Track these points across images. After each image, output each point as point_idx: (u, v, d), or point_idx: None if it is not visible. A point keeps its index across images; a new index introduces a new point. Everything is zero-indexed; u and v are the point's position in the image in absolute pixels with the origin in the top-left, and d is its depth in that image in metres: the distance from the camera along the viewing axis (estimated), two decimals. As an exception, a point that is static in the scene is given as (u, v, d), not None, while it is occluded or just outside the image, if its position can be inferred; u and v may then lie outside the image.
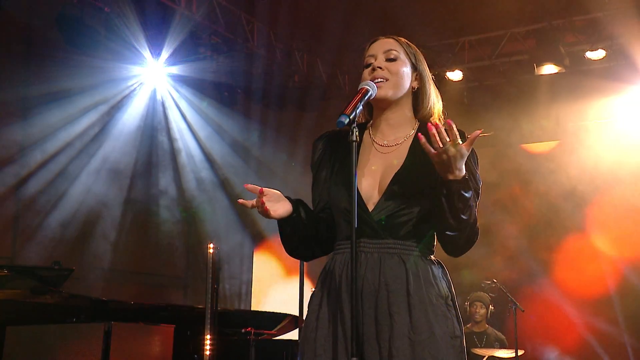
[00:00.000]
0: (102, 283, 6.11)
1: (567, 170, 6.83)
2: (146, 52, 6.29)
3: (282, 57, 7.03)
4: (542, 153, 7.19)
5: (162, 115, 6.73)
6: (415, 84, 2.09)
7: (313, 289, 2.09)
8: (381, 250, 1.92)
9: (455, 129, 1.75)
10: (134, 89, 6.51)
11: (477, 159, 2.03)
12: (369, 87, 1.94)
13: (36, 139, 5.77)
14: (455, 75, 7.22)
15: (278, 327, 5.39)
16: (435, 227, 1.96)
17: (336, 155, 2.08)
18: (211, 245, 4.48)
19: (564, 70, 6.79)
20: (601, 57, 6.71)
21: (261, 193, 1.87)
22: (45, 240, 5.74)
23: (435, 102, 2.12)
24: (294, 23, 6.86)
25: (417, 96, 2.10)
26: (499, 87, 7.03)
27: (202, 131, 6.84)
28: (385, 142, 2.05)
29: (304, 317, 2.06)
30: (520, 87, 6.97)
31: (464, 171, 1.82)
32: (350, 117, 1.80)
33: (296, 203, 1.97)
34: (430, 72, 2.10)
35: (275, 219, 1.94)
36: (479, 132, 1.78)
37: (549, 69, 6.81)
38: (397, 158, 2.02)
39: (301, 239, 2.00)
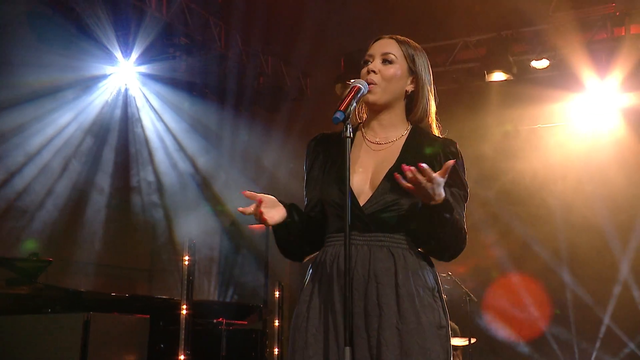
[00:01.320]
0: (67, 275, 6.08)
1: (513, 172, 7.17)
2: (117, 52, 6.27)
3: (249, 59, 7.10)
4: (490, 155, 7.42)
5: (132, 112, 6.69)
6: (410, 88, 2.05)
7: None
8: (371, 243, 1.92)
9: (427, 170, 1.73)
10: (106, 87, 6.47)
11: (463, 162, 2.04)
12: (361, 86, 1.92)
13: (7, 137, 5.71)
14: (412, 80, 7.50)
15: (247, 317, 5.55)
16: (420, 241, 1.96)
17: (328, 155, 2.07)
18: (187, 239, 4.61)
19: (512, 78, 6.99)
20: (545, 66, 6.98)
21: (260, 202, 1.85)
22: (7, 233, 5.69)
23: (430, 106, 2.08)
24: (260, 27, 6.94)
25: (412, 98, 2.07)
26: (453, 92, 7.21)
27: (173, 126, 6.84)
28: (377, 140, 2.04)
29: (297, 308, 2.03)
30: (472, 92, 7.24)
31: (444, 194, 1.80)
32: (346, 114, 1.79)
33: (290, 207, 1.97)
34: None
35: (271, 225, 1.93)
36: (452, 162, 1.77)
37: (498, 76, 6.99)
38: (390, 156, 2.01)
39: (294, 241, 2.01)
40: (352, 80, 1.94)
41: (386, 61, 2.01)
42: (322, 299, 1.95)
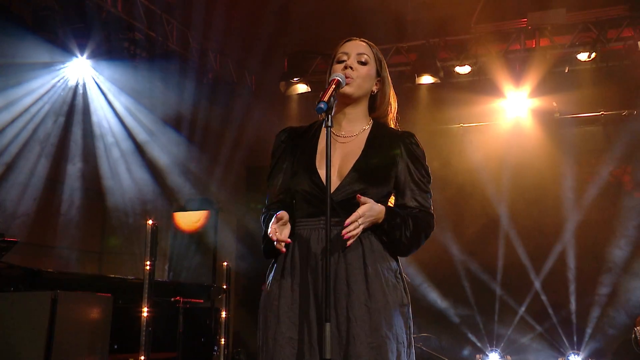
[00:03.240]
0: (19, 257, 5.98)
1: (440, 168, 7.44)
2: (72, 44, 6.15)
3: (198, 56, 7.16)
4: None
5: (86, 104, 6.64)
6: (376, 88, 2.13)
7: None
8: (340, 228, 1.89)
9: (350, 225, 1.84)
10: (60, 79, 6.38)
11: (423, 151, 2.12)
12: (340, 79, 1.98)
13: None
14: (350, 80, 7.78)
15: (201, 296, 5.68)
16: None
17: (297, 146, 2.11)
18: (150, 222, 4.57)
19: (439, 81, 7.27)
20: (467, 71, 7.26)
21: (288, 243, 1.91)
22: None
23: (391, 105, 2.18)
24: (208, 26, 6.98)
25: (376, 98, 2.15)
26: (386, 93, 7.59)
27: (123, 115, 6.83)
28: (342, 134, 2.09)
29: (267, 287, 2.05)
30: (404, 94, 7.56)
31: (382, 216, 1.93)
32: (328, 104, 1.84)
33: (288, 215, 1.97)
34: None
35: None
36: (359, 196, 1.88)
37: (427, 79, 7.22)
38: (355, 148, 2.05)
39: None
40: (332, 74, 2.02)
41: (361, 61, 2.08)
42: (293, 278, 1.96)
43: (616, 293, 6.64)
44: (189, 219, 7.32)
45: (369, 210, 1.89)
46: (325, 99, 1.85)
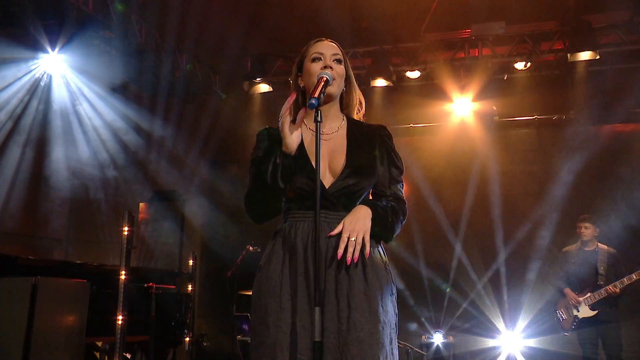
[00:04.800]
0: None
1: None
2: (43, 40, 6.07)
3: (166, 55, 7.15)
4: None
5: (55, 99, 6.55)
6: (343, 85, 2.16)
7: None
8: (339, 221, 1.95)
9: (343, 246, 1.90)
10: (33, 74, 6.30)
11: (392, 141, 2.18)
12: (328, 78, 2.00)
13: None
14: (309, 82, 7.94)
15: (171, 282, 5.75)
16: None
17: (279, 143, 2.05)
18: (126, 212, 4.67)
19: (391, 84, 7.42)
20: (417, 76, 7.39)
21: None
22: None
23: (359, 101, 2.23)
24: (177, 26, 6.97)
25: (345, 95, 2.19)
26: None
27: (98, 107, 6.78)
28: (324, 130, 2.09)
29: (262, 275, 2.03)
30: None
31: (369, 212, 1.97)
32: (319, 100, 1.87)
33: None
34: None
35: (288, 142, 2.01)
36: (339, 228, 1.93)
37: (380, 82, 7.34)
38: (338, 144, 2.08)
39: (270, 197, 2.04)
40: (320, 72, 2.03)
41: (337, 61, 2.11)
42: (294, 267, 1.95)
43: (541, 280, 7.07)
44: (157, 210, 7.35)
45: (351, 221, 1.92)
46: (316, 95, 1.89)
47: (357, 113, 2.23)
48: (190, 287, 5.95)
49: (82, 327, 4.36)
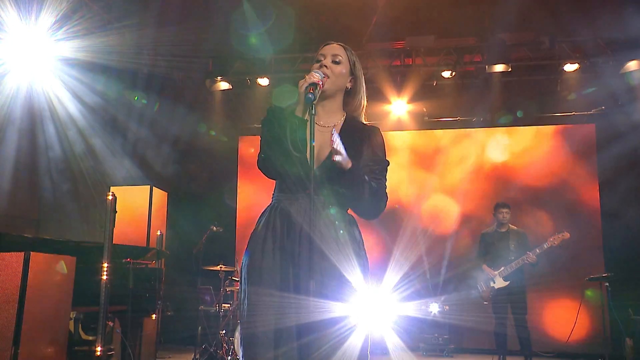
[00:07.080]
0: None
1: None
2: (25, 26, 5.89)
3: (134, 53, 7.15)
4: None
5: (36, 86, 6.41)
6: (350, 85, 2.14)
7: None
8: (319, 203, 1.97)
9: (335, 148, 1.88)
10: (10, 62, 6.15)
11: (384, 141, 2.15)
12: (316, 75, 2.00)
13: None
14: (264, 81, 7.92)
15: (144, 257, 5.86)
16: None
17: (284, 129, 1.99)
18: (110, 193, 4.64)
19: None
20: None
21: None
22: None
23: (362, 101, 2.18)
24: (144, 25, 6.93)
25: (349, 94, 2.16)
26: (296, 92, 7.94)
27: (76, 93, 6.69)
28: (321, 123, 2.09)
29: (249, 250, 2.03)
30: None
31: (349, 162, 1.92)
32: (315, 95, 1.89)
33: None
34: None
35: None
36: (334, 137, 1.90)
37: None
38: (330, 137, 1.99)
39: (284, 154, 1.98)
40: (313, 71, 2.04)
41: (335, 61, 2.11)
42: (274, 244, 1.98)
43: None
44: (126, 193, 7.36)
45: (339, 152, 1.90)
46: (312, 90, 1.92)
47: (359, 111, 2.21)
48: (162, 263, 6.06)
49: (69, 298, 4.45)
